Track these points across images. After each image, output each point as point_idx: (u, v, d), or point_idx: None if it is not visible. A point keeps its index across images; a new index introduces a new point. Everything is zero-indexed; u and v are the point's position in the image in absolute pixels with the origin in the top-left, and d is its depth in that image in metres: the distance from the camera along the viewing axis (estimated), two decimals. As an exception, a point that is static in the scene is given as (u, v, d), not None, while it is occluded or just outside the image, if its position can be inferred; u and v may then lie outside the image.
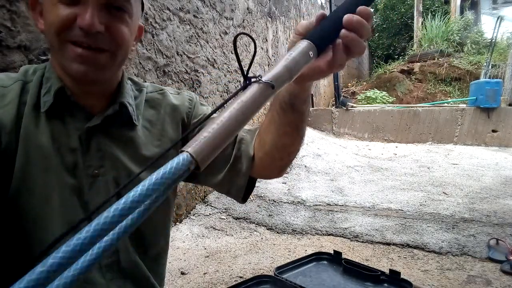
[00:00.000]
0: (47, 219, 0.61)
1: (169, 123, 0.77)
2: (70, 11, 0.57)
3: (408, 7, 11.28)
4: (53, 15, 0.58)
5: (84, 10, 0.57)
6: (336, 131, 5.85)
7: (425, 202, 2.78)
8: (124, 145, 0.69)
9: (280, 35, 4.68)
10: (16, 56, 1.18)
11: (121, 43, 0.62)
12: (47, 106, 0.62)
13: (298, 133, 0.67)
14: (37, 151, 0.61)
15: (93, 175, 0.65)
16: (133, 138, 0.70)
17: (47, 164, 0.61)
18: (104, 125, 0.66)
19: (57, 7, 0.57)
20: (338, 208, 2.69)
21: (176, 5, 2.19)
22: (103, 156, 0.66)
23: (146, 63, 1.92)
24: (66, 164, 0.63)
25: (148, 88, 0.78)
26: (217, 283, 1.65)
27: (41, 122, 0.62)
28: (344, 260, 1.32)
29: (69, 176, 0.63)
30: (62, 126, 0.63)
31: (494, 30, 6.68)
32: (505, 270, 1.76)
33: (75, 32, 0.58)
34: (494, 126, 5.29)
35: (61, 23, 0.57)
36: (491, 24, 7.24)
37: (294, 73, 0.43)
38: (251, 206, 2.62)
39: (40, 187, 0.61)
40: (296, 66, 0.43)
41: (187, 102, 0.80)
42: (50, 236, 0.61)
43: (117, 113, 0.68)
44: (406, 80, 7.97)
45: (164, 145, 0.75)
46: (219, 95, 2.86)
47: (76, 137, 0.64)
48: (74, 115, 0.65)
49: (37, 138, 0.61)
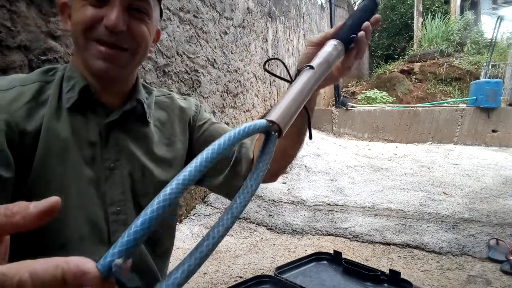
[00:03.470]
0: (63, 210, 0.63)
1: (178, 124, 0.81)
2: (97, 12, 0.62)
3: (408, 7, 11.28)
4: (80, 15, 0.62)
5: (109, 11, 0.62)
6: (336, 131, 5.85)
7: (425, 202, 2.78)
8: (139, 141, 0.73)
9: (280, 35, 4.68)
10: (16, 56, 1.18)
11: (141, 42, 0.67)
12: (71, 103, 0.65)
13: (299, 140, 0.71)
14: (57, 143, 0.63)
15: (110, 168, 0.68)
16: (147, 134, 0.74)
17: (66, 156, 0.64)
18: (121, 120, 0.70)
19: (85, 8, 0.62)
20: (338, 208, 2.69)
21: (176, 5, 2.19)
22: (120, 150, 0.70)
23: (146, 63, 1.92)
24: (85, 156, 0.66)
25: (155, 92, 0.82)
26: (217, 283, 1.65)
27: (63, 116, 0.65)
28: (344, 260, 1.32)
29: (87, 168, 0.66)
30: (83, 121, 0.67)
31: (494, 30, 6.69)
32: (505, 270, 1.76)
33: (100, 31, 0.62)
34: (494, 126, 5.29)
35: (88, 22, 0.62)
36: (491, 24, 7.25)
37: (329, 68, 0.53)
38: (251, 206, 2.62)
39: (58, 178, 0.63)
40: (332, 60, 0.54)
41: (194, 106, 0.85)
42: (66, 227, 0.63)
43: (133, 109, 0.72)
44: (406, 80, 7.98)
45: (173, 145, 0.79)
46: (219, 95, 2.86)
47: (96, 132, 0.67)
48: (96, 111, 0.68)
49: (58, 131, 0.64)
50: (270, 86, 4.28)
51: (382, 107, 6.14)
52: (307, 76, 0.48)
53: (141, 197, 0.71)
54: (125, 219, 0.68)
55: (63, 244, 0.63)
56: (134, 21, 0.64)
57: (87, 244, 0.65)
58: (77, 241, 0.64)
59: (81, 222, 0.64)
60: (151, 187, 0.72)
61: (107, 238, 0.67)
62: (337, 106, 6.14)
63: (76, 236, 0.64)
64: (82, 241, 0.64)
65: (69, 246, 0.64)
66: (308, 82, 0.47)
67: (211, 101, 2.73)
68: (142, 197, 0.71)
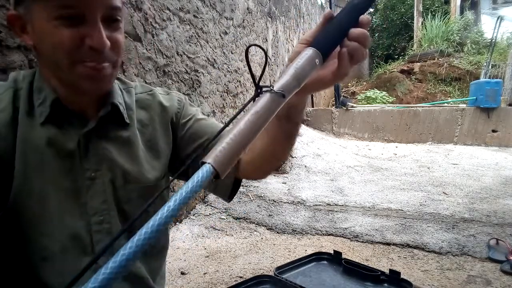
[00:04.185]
0: (44, 221, 0.63)
1: (159, 123, 0.78)
2: (74, 32, 0.57)
3: (408, 7, 11.27)
4: (57, 38, 0.57)
5: (91, 30, 0.58)
6: (336, 131, 5.85)
7: (425, 202, 2.78)
8: (119, 145, 0.71)
9: (280, 35, 4.68)
10: (16, 56, 1.18)
11: (120, 52, 0.65)
12: (44, 117, 0.63)
13: (290, 142, 0.68)
14: (34, 155, 0.62)
15: (91, 178, 0.67)
16: (128, 138, 0.72)
17: (43, 168, 0.63)
18: (99, 128, 0.68)
19: (59, 29, 0.57)
20: (338, 208, 2.69)
21: (176, 5, 2.19)
22: (101, 160, 0.68)
23: (146, 63, 1.92)
24: (63, 168, 0.65)
25: (137, 88, 0.79)
26: (217, 283, 1.65)
27: (37, 128, 0.63)
28: (344, 260, 1.32)
29: (66, 180, 0.65)
30: (59, 132, 0.65)
31: (494, 30, 6.69)
32: (505, 270, 1.76)
33: (83, 51, 0.59)
34: (494, 126, 5.29)
35: (70, 46, 0.58)
36: (491, 24, 7.24)
37: (301, 80, 0.45)
38: (251, 206, 2.62)
39: (37, 190, 0.62)
40: (303, 73, 0.45)
41: (176, 102, 0.81)
42: (47, 239, 0.63)
43: (110, 114, 0.69)
44: (406, 80, 7.98)
45: (156, 146, 0.76)
46: (219, 95, 2.86)
47: (75, 142, 0.65)
48: (71, 122, 0.66)
49: (34, 143, 0.62)
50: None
51: (382, 107, 6.14)
52: (265, 101, 0.40)
53: (124, 204, 0.70)
54: (108, 228, 0.67)
55: (44, 257, 0.63)
56: (112, 32, 0.62)
57: (69, 256, 0.64)
58: (59, 253, 0.63)
59: (62, 233, 0.64)
60: (135, 193, 0.71)
61: (90, 248, 0.66)
62: (337, 106, 6.14)
63: (58, 248, 0.63)
64: (64, 253, 0.64)
65: (51, 258, 0.63)
66: (264, 110, 0.39)
67: (211, 101, 2.73)
68: (126, 204, 0.70)
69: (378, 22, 12.12)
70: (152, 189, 0.73)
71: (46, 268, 0.63)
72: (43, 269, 0.63)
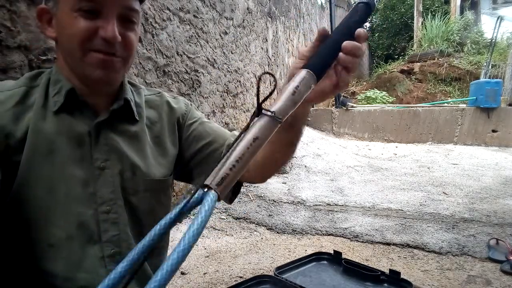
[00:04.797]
0: (51, 208, 0.64)
1: (167, 122, 0.81)
2: (90, 24, 0.62)
3: (408, 7, 11.28)
4: (74, 27, 0.62)
5: (105, 23, 0.63)
6: (336, 131, 5.85)
7: (425, 202, 2.78)
8: (128, 139, 0.73)
9: (280, 35, 4.68)
10: (16, 56, 1.18)
11: (132, 50, 0.69)
12: (57, 106, 0.66)
13: (291, 149, 0.71)
14: (44, 144, 0.64)
15: (100, 168, 0.69)
16: (136, 132, 0.75)
17: (53, 157, 0.65)
18: (110, 120, 0.71)
19: (77, 20, 0.62)
20: (338, 208, 2.69)
21: (176, 5, 2.19)
22: (110, 150, 0.70)
23: (146, 63, 1.92)
24: (74, 156, 0.67)
25: (145, 91, 0.83)
26: (217, 283, 1.65)
27: (50, 118, 0.66)
28: (344, 260, 1.32)
29: (76, 168, 0.66)
30: (71, 122, 0.67)
31: (494, 30, 6.69)
32: (505, 270, 1.76)
33: (96, 42, 0.63)
34: (494, 126, 5.29)
35: (85, 35, 0.63)
36: (491, 24, 7.24)
37: (297, 102, 0.49)
38: (251, 206, 2.62)
39: (45, 179, 0.64)
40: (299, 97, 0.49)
41: (184, 105, 0.86)
42: (54, 226, 0.64)
43: (122, 109, 0.72)
44: (406, 80, 7.98)
45: (162, 143, 0.79)
46: (219, 95, 2.86)
47: (86, 132, 0.68)
48: (83, 112, 0.69)
49: (45, 132, 0.65)
50: (270, 86, 4.28)
51: (382, 107, 6.14)
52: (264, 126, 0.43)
53: (131, 196, 0.72)
54: (115, 218, 0.69)
55: (50, 245, 0.64)
56: (125, 30, 0.66)
57: (76, 244, 0.65)
58: (66, 240, 0.64)
59: (69, 221, 0.65)
60: (142, 185, 0.73)
61: (97, 237, 0.67)
62: (337, 106, 6.14)
63: (64, 236, 0.64)
64: (70, 241, 0.65)
65: (57, 246, 0.64)
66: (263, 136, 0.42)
67: (211, 101, 2.73)
68: (133, 196, 0.72)
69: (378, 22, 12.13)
70: (159, 184, 0.76)
71: (51, 256, 0.64)
72: (48, 256, 0.64)
